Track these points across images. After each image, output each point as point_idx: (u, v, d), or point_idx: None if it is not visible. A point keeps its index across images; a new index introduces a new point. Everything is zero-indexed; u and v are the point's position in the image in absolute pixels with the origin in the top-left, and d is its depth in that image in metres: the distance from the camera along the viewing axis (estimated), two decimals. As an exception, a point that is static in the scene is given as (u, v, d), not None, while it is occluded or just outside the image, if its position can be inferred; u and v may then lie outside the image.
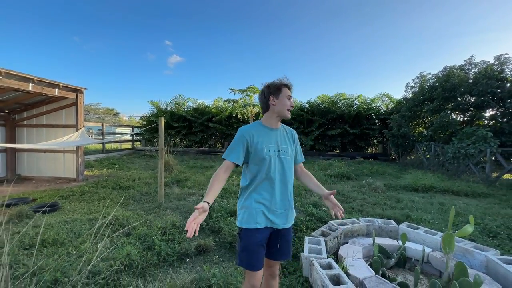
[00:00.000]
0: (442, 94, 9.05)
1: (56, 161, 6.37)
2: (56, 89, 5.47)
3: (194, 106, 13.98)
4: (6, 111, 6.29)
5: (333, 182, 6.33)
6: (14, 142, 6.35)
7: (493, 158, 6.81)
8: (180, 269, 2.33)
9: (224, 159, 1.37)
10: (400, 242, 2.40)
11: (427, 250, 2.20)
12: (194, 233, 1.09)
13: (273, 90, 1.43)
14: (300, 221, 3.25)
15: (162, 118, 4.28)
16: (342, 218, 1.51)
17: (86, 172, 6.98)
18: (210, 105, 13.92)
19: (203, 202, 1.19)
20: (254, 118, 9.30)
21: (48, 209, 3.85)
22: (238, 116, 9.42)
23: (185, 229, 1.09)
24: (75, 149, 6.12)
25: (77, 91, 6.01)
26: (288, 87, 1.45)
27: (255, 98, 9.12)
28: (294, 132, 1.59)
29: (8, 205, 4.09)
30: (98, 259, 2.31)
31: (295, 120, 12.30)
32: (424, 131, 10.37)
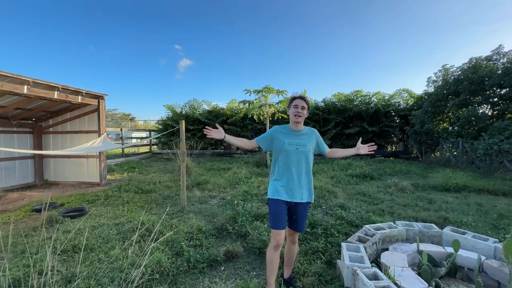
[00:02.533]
0: (469, 87, 8.54)
1: (80, 166, 6.55)
2: (79, 96, 5.62)
3: (209, 109, 14.07)
4: (34, 119, 6.55)
5: (355, 183, 6.10)
6: (41, 149, 6.59)
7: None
8: (215, 278, 2.25)
9: (254, 139, 2.05)
10: (446, 248, 2.21)
11: (482, 258, 1.99)
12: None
13: (288, 103, 1.98)
14: (330, 225, 3.10)
15: (183, 122, 4.26)
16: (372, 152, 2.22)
17: (108, 176, 7.13)
18: (224, 107, 13.95)
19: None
20: (270, 118, 9.18)
21: (76, 214, 3.93)
22: (254, 117, 9.33)
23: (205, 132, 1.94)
24: (97, 154, 6.26)
25: (98, 97, 6.15)
26: (295, 98, 1.91)
27: (271, 98, 9.01)
28: (314, 130, 2.04)
29: (38, 210, 4.23)
30: (129, 266, 2.29)
31: (311, 120, 12.07)
32: (450, 127, 9.85)
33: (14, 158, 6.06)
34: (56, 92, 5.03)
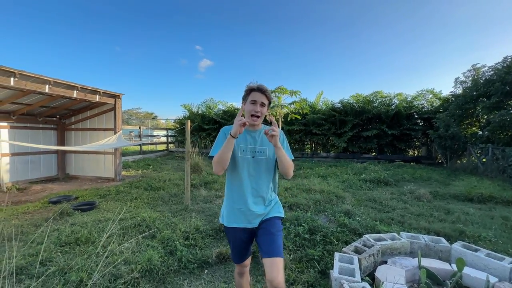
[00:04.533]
0: (502, 88, 7.80)
1: (98, 162, 6.89)
2: (97, 95, 5.91)
3: (224, 109, 14.21)
4: (58, 117, 7.00)
5: (368, 188, 5.80)
6: (64, 144, 7.03)
7: None
8: (200, 279, 2.23)
9: (211, 158, 1.38)
10: (454, 266, 2.00)
11: (492, 279, 1.77)
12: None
13: (243, 96, 1.46)
14: (330, 233, 2.95)
15: (189, 122, 4.31)
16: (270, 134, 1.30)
17: (123, 172, 7.44)
18: (240, 107, 14.01)
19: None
20: (283, 119, 9.06)
21: (86, 207, 4.13)
22: (267, 118, 9.27)
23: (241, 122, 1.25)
24: (113, 151, 6.55)
25: (115, 96, 6.43)
26: (253, 90, 1.39)
27: (284, 99, 8.88)
28: (281, 133, 1.51)
29: (54, 202, 4.50)
30: (122, 261, 2.33)
31: (326, 121, 11.73)
32: (479, 132, 9.09)
33: (39, 153, 6.52)
34: (75, 91, 5.33)
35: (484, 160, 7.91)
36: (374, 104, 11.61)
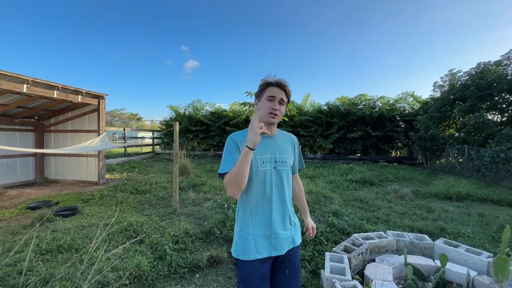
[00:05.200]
0: (476, 92, 8.30)
1: (80, 165, 6.61)
2: (79, 96, 5.68)
3: (212, 110, 14.10)
4: (36, 118, 6.66)
5: (354, 188, 5.96)
6: (42, 147, 6.69)
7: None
8: (191, 284, 2.20)
9: (221, 175, 1.11)
10: (437, 262, 2.10)
11: (472, 273, 1.88)
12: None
13: (257, 92, 1.23)
14: (319, 233, 3.00)
15: (177, 123, 4.25)
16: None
17: (107, 176, 7.19)
18: (227, 109, 13.96)
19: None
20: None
21: (68, 213, 3.95)
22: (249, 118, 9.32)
23: (259, 128, 1.01)
24: (96, 153, 6.31)
25: (98, 97, 6.22)
26: (270, 84, 1.17)
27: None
28: (295, 138, 1.37)
29: (33, 208, 4.26)
30: (109, 268, 2.25)
31: (313, 123, 11.94)
32: (456, 133, 9.58)
33: (15, 156, 6.16)
34: (56, 92, 5.10)
35: (461, 160, 8.36)
36: (359, 107, 11.96)
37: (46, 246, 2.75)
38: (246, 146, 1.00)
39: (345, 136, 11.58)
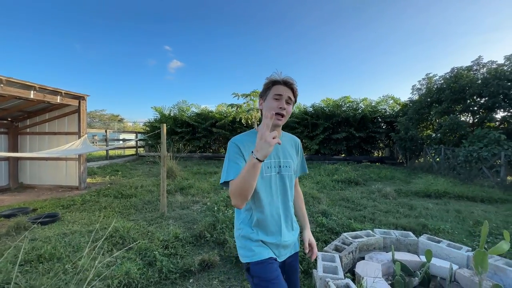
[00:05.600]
0: (451, 95, 8.82)
1: (58, 169, 6.28)
2: (58, 96, 5.41)
3: (197, 112, 13.93)
4: (9, 119, 6.25)
5: (341, 188, 6.12)
6: (17, 150, 6.29)
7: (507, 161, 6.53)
8: (183, 289, 2.16)
9: (224, 184, 1.03)
10: (421, 257, 2.20)
11: (454, 267, 1.99)
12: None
13: (262, 92, 1.14)
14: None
15: (165, 125, 4.16)
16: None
17: (88, 180, 6.88)
18: (214, 110, 13.86)
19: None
20: (258, 122, 9.16)
21: (47, 220, 3.73)
22: (242, 121, 9.31)
23: (268, 139, 0.84)
24: (77, 157, 6.02)
25: (79, 98, 5.95)
26: (276, 83, 1.09)
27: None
28: (298, 140, 1.32)
29: (7, 216, 3.99)
30: (96, 277, 2.16)
31: (299, 124, 12.13)
32: (433, 134, 10.12)
33: (-14, 160, 5.75)
34: (32, 92, 4.82)
35: (438, 159, 8.84)
36: (343, 109, 12.31)
37: (24, 257, 2.58)
38: (256, 157, 0.84)
39: (330, 137, 11.86)
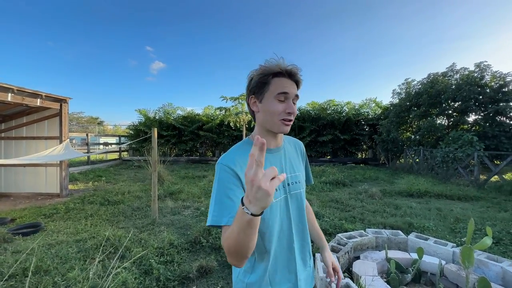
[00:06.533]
0: (428, 100, 9.36)
1: (37, 176, 5.93)
2: (38, 99, 5.13)
3: (183, 114, 13.73)
4: (-19, 123, 5.83)
5: (329, 190, 6.29)
6: (-11, 156, 5.87)
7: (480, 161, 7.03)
8: (183, 296, 2.14)
9: (215, 226, 0.70)
10: (412, 254, 2.33)
11: (442, 263, 2.13)
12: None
13: (255, 87, 0.80)
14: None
15: (155, 129, 4.08)
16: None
17: (70, 186, 6.55)
18: (200, 113, 13.72)
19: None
20: (247, 126, 9.18)
21: (29, 230, 3.52)
22: (230, 124, 9.30)
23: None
24: (58, 162, 5.73)
25: (61, 101, 5.68)
26: (281, 75, 0.78)
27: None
28: (301, 144, 1.03)
29: (-18, 228, 3.71)
30: (90, 289, 2.08)
31: (287, 127, 12.31)
32: (412, 136, 10.66)
33: (-46, 167, 5.32)
34: (10, 94, 4.54)
35: (417, 160, 9.32)
36: (328, 112, 12.66)
37: (8, 271, 2.42)
38: (250, 213, 0.53)
39: (316, 140, 12.14)
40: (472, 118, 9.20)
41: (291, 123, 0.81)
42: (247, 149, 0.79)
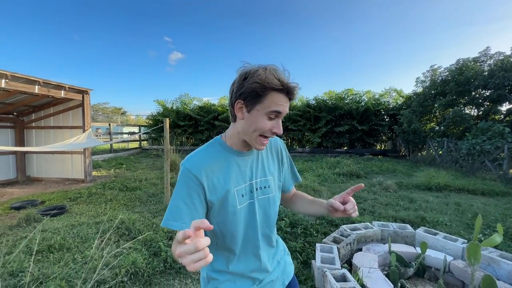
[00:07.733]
0: (455, 88, 8.71)
1: (64, 162, 6.41)
2: (62, 91, 5.47)
3: (200, 105, 13.95)
4: (15, 114, 6.35)
5: (342, 181, 6.17)
6: (23, 144, 6.42)
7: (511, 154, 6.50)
8: (187, 277, 2.26)
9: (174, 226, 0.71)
10: (418, 249, 2.27)
11: (449, 258, 2.05)
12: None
13: (245, 93, 0.71)
14: (310, 225, 3.13)
15: (168, 119, 4.21)
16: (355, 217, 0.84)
17: (94, 173, 7.02)
18: (216, 103, 13.87)
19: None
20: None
21: (55, 212, 3.86)
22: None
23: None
24: (82, 150, 6.14)
25: (83, 92, 6.01)
26: (280, 90, 0.71)
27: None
28: (280, 142, 0.97)
29: (17, 208, 4.13)
30: (104, 267, 2.27)
31: (302, 117, 12.11)
32: (436, 127, 10.06)
33: (-6, 154, 5.89)
34: (37, 86, 4.88)
35: (440, 152, 8.82)
36: (346, 101, 12.23)
37: (36, 247, 2.69)
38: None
39: (333, 130, 11.84)
40: (505, 107, 8.47)
41: (268, 141, 0.79)
42: (216, 153, 0.80)
